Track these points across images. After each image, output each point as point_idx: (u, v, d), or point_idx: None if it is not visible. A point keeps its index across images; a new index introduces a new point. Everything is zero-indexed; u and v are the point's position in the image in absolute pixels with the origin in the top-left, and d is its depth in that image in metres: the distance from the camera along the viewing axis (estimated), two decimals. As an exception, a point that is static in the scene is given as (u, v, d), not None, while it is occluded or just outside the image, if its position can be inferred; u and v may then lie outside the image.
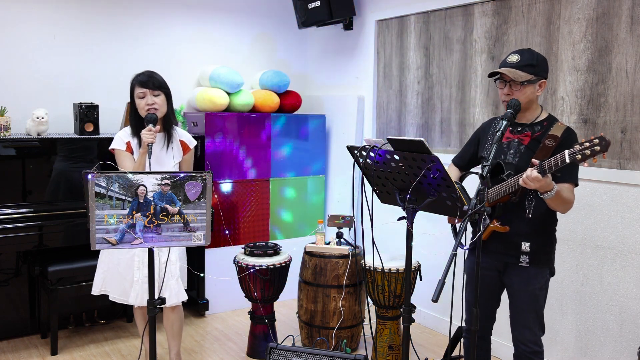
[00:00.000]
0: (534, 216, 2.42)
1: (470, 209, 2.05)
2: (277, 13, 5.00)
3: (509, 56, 2.42)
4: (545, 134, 2.39)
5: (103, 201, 2.15)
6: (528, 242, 2.43)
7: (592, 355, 3.12)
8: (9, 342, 3.72)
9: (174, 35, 4.51)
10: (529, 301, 2.47)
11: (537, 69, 2.37)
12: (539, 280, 2.46)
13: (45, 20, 4.01)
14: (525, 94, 2.38)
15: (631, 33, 2.88)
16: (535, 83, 2.38)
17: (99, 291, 3.08)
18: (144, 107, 2.91)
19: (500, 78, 2.43)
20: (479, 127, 2.73)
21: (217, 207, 4.19)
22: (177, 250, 3.02)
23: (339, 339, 3.51)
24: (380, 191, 2.39)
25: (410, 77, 4.20)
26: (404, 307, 2.30)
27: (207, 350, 3.69)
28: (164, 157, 3.00)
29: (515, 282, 2.49)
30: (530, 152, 2.40)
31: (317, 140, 4.73)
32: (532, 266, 2.45)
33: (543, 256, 2.47)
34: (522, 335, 2.49)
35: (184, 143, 3.08)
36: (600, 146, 2.08)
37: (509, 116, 2.29)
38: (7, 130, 3.61)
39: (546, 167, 2.17)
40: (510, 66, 2.38)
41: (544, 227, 2.46)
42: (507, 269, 2.52)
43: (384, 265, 3.28)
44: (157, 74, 3.00)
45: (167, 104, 2.99)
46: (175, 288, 3.00)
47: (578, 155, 2.10)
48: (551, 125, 2.41)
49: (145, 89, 2.91)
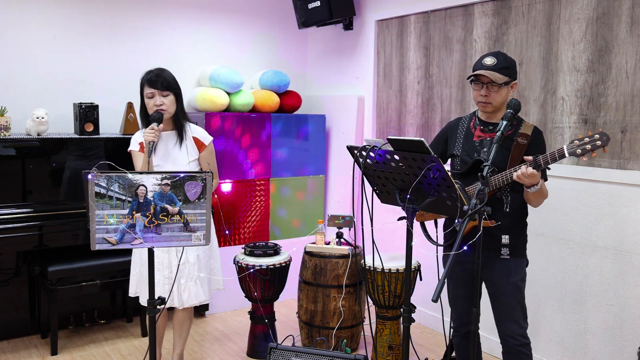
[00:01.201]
0: (511, 210, 2.52)
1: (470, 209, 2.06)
2: (277, 13, 5.00)
3: (484, 59, 2.50)
4: (516, 132, 2.50)
5: (103, 201, 2.15)
6: (507, 234, 2.52)
7: (592, 355, 3.12)
8: (9, 342, 3.72)
9: (174, 35, 4.51)
10: (513, 293, 2.54)
11: (510, 71, 2.49)
12: (519, 272, 2.55)
13: (45, 20, 4.01)
14: (501, 95, 2.49)
15: (631, 33, 2.88)
16: (509, 84, 2.50)
17: (134, 293, 3.08)
18: (152, 107, 2.91)
19: (476, 80, 2.51)
20: (445, 126, 2.80)
21: (217, 207, 4.19)
22: (194, 252, 3.00)
23: (339, 339, 3.51)
24: (380, 191, 2.39)
25: (410, 77, 4.20)
26: (404, 307, 2.30)
27: (207, 350, 3.69)
28: (178, 155, 2.98)
29: (497, 276, 2.56)
30: (504, 150, 2.47)
31: (317, 140, 4.73)
32: (512, 258, 2.54)
33: (521, 248, 2.58)
34: (510, 329, 2.54)
35: (198, 140, 3.04)
36: (602, 141, 2.20)
37: (509, 116, 2.36)
38: (7, 130, 3.61)
39: (542, 162, 2.27)
40: (488, 68, 2.46)
41: (519, 220, 2.57)
42: (489, 263, 2.57)
43: (384, 265, 3.28)
44: (167, 72, 2.98)
45: (177, 102, 2.97)
46: (193, 290, 2.99)
47: (578, 150, 2.22)
48: (520, 124, 2.52)
49: (154, 89, 2.90)
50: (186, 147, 3.00)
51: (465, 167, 2.56)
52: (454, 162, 2.65)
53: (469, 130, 2.62)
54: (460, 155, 2.61)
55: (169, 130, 3.00)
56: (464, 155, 2.60)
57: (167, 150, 2.97)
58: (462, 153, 2.60)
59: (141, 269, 3.00)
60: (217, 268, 3.17)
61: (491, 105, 2.50)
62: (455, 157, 2.64)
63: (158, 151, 2.96)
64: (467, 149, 2.59)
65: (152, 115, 2.89)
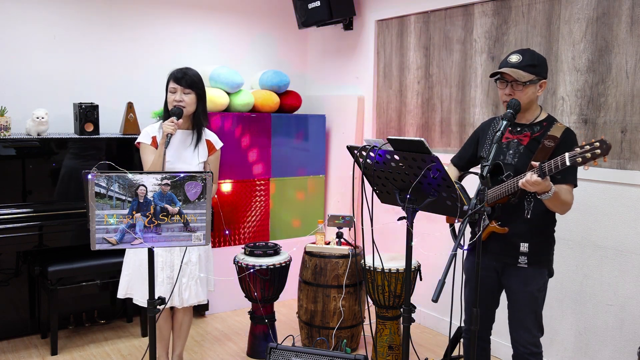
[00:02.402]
0: (533, 217, 2.41)
1: (470, 209, 2.05)
2: (277, 13, 5.00)
3: (509, 56, 2.40)
4: (544, 134, 2.39)
5: (103, 201, 2.15)
6: (527, 242, 2.42)
7: (592, 355, 3.12)
8: (9, 342, 3.72)
9: (174, 35, 4.51)
10: (528, 302, 2.47)
11: (538, 69, 2.37)
12: (537, 281, 2.46)
13: (45, 20, 4.01)
14: (527, 94, 2.37)
15: (631, 33, 2.88)
16: (536, 83, 2.37)
17: (124, 294, 3.07)
18: (172, 102, 2.93)
19: (501, 78, 2.41)
20: (478, 127, 2.72)
21: (217, 207, 4.19)
22: (197, 251, 3.01)
23: (339, 339, 3.51)
24: (380, 191, 2.39)
25: (410, 77, 4.20)
26: (404, 307, 2.30)
27: (207, 350, 3.69)
28: (190, 156, 2.99)
29: (514, 283, 2.49)
30: (530, 152, 2.39)
31: (317, 140, 4.73)
32: (531, 267, 2.44)
33: (541, 257, 2.46)
34: (521, 337, 2.49)
35: (210, 143, 3.08)
36: (601, 149, 2.09)
37: (509, 116, 2.29)
38: (7, 130, 3.61)
39: (546, 169, 2.17)
40: (512, 66, 2.36)
41: (542, 228, 2.46)
42: (506, 270, 2.52)
43: (384, 265, 3.28)
44: (194, 71, 3.01)
45: (198, 103, 2.99)
46: (194, 289, 3.00)
47: (579, 158, 2.11)
48: (550, 125, 2.41)
49: (178, 85, 2.93)
50: (198, 149, 3.02)
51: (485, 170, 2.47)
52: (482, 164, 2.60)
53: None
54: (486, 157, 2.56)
55: (186, 129, 3.02)
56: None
57: (181, 148, 2.99)
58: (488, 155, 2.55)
59: (140, 269, 2.99)
60: (211, 269, 3.18)
61: None
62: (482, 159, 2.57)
63: (171, 147, 2.96)
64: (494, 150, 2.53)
65: (172, 110, 2.92)
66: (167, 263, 2.97)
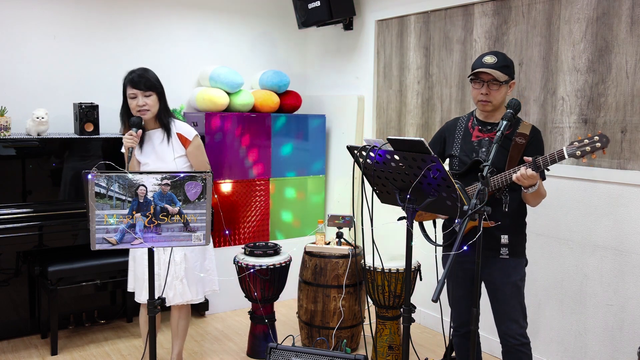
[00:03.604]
0: (510, 210, 2.52)
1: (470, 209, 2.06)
2: (277, 13, 5.00)
3: (484, 57, 2.49)
4: (514, 132, 2.49)
5: (103, 201, 2.15)
6: (506, 234, 2.53)
7: (592, 355, 3.12)
8: (9, 342, 3.72)
9: (174, 35, 4.51)
10: (512, 293, 2.54)
11: (510, 69, 2.50)
12: (518, 272, 2.56)
13: (45, 20, 4.01)
14: (501, 94, 2.50)
15: (631, 33, 2.88)
16: (508, 83, 2.50)
17: (132, 287, 3.11)
18: (135, 107, 2.92)
19: (477, 78, 2.50)
20: (442, 126, 2.80)
21: (217, 207, 4.19)
22: (181, 251, 3.02)
23: (339, 339, 3.51)
24: (380, 191, 2.39)
25: (410, 77, 4.20)
26: (404, 307, 2.30)
27: (207, 350, 3.69)
28: (165, 152, 2.99)
29: (497, 276, 2.56)
30: (503, 149, 2.47)
31: (317, 140, 4.73)
32: (511, 258, 2.54)
33: (519, 247, 2.58)
34: (510, 329, 2.54)
35: (182, 136, 3.04)
36: (601, 142, 2.20)
37: (509, 116, 2.36)
38: (7, 130, 3.61)
39: (541, 163, 2.27)
40: (489, 66, 2.46)
41: (518, 220, 2.58)
42: (488, 262, 2.57)
43: (384, 265, 3.28)
44: (150, 72, 2.98)
45: (160, 101, 2.97)
46: (179, 288, 3.00)
47: (577, 152, 2.22)
48: (517, 123, 2.52)
49: (137, 90, 2.91)
50: (172, 143, 3.01)
51: (464, 167, 2.56)
52: (452, 162, 2.66)
53: (467, 130, 2.63)
54: (459, 155, 2.61)
55: (155, 128, 3.02)
56: (462, 155, 2.60)
57: (154, 147, 2.99)
58: (461, 153, 2.61)
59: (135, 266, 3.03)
60: (212, 269, 3.17)
61: (491, 104, 2.50)
62: (454, 157, 2.64)
63: (145, 149, 2.99)
64: (465, 149, 2.59)
65: (131, 120, 2.90)
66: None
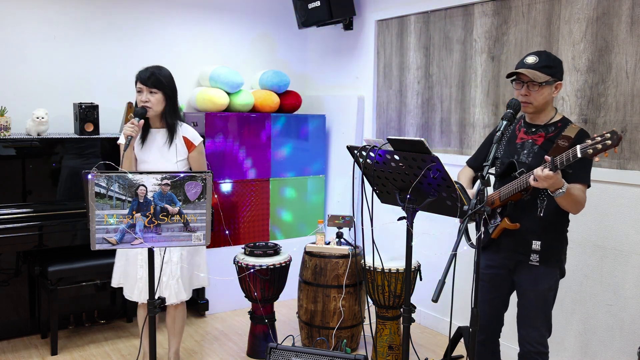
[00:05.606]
0: (546, 215, 2.42)
1: (470, 209, 2.05)
2: (277, 13, 5.00)
3: (526, 57, 2.42)
4: (558, 135, 2.40)
5: (103, 201, 2.15)
6: (539, 240, 2.43)
7: (592, 355, 3.12)
8: (9, 342, 3.72)
9: (174, 35, 4.51)
10: (537, 301, 2.47)
11: (554, 70, 2.39)
12: (547, 281, 2.46)
13: (45, 20, 4.01)
14: (543, 95, 2.39)
15: (631, 33, 2.88)
16: (552, 84, 2.40)
17: (117, 284, 3.12)
18: (139, 102, 2.94)
19: (518, 79, 2.43)
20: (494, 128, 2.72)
21: (217, 207, 4.19)
22: (178, 251, 3.02)
23: (339, 339, 3.51)
24: (380, 191, 2.39)
25: (410, 77, 4.20)
26: (404, 307, 2.30)
27: (207, 350, 3.69)
28: (167, 153, 3.00)
29: (525, 281, 2.50)
30: (544, 152, 2.39)
31: (317, 140, 4.73)
32: (542, 265, 2.45)
33: (553, 256, 2.47)
34: (529, 335, 2.49)
35: (188, 140, 3.05)
36: (612, 140, 2.08)
37: (509, 116, 2.30)
38: (7, 130, 3.60)
39: (557, 162, 2.16)
40: (529, 67, 2.38)
41: (555, 227, 2.46)
42: (517, 268, 2.52)
43: (384, 265, 3.28)
44: (163, 70, 2.98)
45: (166, 102, 2.97)
46: (175, 288, 3.01)
47: (589, 150, 2.10)
48: (565, 126, 2.42)
49: (143, 85, 2.92)
50: (175, 146, 3.01)
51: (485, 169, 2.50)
52: (495, 164, 2.59)
53: (514, 132, 2.57)
54: (501, 157, 2.55)
55: (159, 127, 3.02)
56: (504, 157, 2.54)
57: (157, 147, 2.99)
58: (504, 155, 2.55)
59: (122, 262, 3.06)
60: (202, 264, 3.17)
61: (532, 105, 2.41)
62: (497, 159, 2.58)
63: (146, 147, 2.99)
64: (508, 151, 2.54)
65: (136, 110, 2.91)
66: (146, 261, 2.96)
